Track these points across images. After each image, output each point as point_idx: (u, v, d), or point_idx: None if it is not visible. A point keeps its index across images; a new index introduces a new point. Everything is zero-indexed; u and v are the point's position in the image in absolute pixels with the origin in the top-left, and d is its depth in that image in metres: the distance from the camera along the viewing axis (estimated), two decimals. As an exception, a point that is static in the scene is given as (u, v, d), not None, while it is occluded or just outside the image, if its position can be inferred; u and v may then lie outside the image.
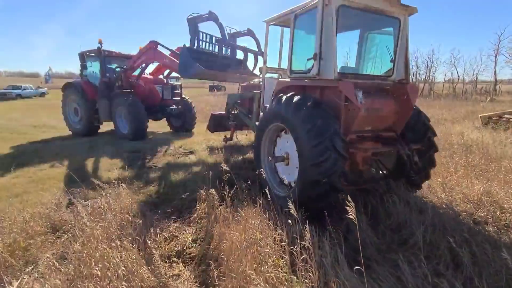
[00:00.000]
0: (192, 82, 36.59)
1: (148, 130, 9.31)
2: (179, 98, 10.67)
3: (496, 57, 38.47)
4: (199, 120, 11.32)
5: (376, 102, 3.73)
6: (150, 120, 9.70)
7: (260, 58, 8.32)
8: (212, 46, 7.90)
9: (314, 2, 3.62)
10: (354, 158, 3.73)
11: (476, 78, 41.47)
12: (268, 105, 4.69)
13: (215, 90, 42.92)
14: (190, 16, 7.08)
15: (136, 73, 9.94)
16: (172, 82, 10.77)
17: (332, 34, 3.47)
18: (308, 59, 3.76)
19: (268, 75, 5.43)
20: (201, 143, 7.82)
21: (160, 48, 8.93)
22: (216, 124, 8.08)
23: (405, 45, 4.04)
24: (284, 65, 5.40)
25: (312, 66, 3.70)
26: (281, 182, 4.07)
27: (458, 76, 42.81)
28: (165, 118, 11.06)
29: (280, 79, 4.39)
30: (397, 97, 3.94)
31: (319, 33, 3.53)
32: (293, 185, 3.73)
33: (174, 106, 10.37)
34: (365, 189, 4.11)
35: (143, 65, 9.57)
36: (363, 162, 3.87)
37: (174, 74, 11.06)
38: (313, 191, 3.22)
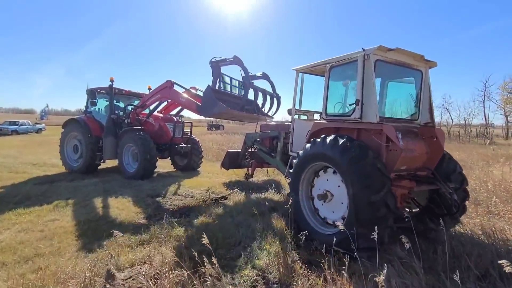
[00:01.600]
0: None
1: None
2: (188, 137, 10.79)
3: (483, 102, 42.71)
4: (205, 158, 11.39)
5: (410, 143, 4.07)
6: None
7: (272, 99, 8.79)
8: (231, 88, 8.31)
9: (354, 56, 4.11)
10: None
11: (470, 123, 42.84)
12: (303, 145, 4.98)
13: (214, 129, 43.43)
14: (214, 60, 7.56)
15: (146, 111, 10.14)
16: (181, 120, 10.96)
17: (372, 83, 3.91)
18: (349, 105, 4.13)
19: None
20: (221, 184, 7.67)
21: (175, 87, 9.28)
22: (231, 161, 8.23)
23: (428, 92, 4.58)
24: (305, 107, 5.88)
25: (354, 110, 4.07)
26: (324, 222, 4.18)
27: (452, 119, 44.75)
28: (169, 157, 11.05)
29: (316, 121, 4.71)
30: (426, 138, 4.32)
31: (360, 82, 3.96)
32: (338, 223, 3.82)
33: (183, 145, 10.44)
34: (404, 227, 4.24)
35: (156, 103, 9.77)
36: (401, 200, 4.09)
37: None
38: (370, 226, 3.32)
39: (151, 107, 10.10)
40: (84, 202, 5.87)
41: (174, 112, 11.47)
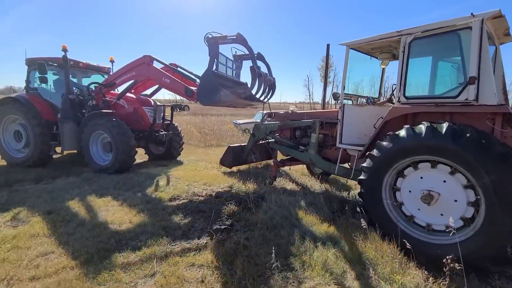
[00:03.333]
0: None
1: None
2: (168, 122, 9.03)
3: None
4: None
5: None
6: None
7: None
8: (227, 70, 6.94)
9: (461, 24, 3.34)
10: None
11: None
12: (367, 137, 4.11)
13: (178, 110, 39.64)
14: (210, 36, 6.08)
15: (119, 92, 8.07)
16: (159, 104, 9.07)
17: (489, 57, 3.22)
18: (462, 84, 3.37)
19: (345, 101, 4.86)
20: (233, 178, 6.33)
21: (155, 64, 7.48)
22: (235, 157, 7.00)
23: (501, 70, 4.09)
24: (349, 90, 5.05)
25: (461, 91, 3.34)
26: (428, 230, 3.41)
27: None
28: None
29: (395, 106, 3.87)
30: None
31: (476, 55, 3.22)
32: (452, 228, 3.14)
33: (164, 132, 8.69)
34: None
35: (130, 82, 7.80)
36: None
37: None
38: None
39: (123, 87, 8.13)
40: (78, 216, 4.05)
41: (145, 92, 9.57)
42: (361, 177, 3.85)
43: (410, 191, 3.52)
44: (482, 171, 2.86)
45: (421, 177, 3.44)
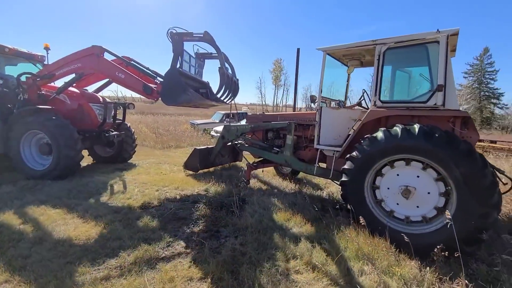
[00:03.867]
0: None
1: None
2: (120, 121, 8.10)
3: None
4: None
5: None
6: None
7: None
8: (190, 68, 6.59)
9: (430, 38, 3.77)
10: None
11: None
12: (340, 138, 4.33)
13: (121, 108, 34.98)
14: (174, 31, 5.72)
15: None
16: (109, 101, 8.01)
17: (451, 68, 3.71)
18: (431, 91, 3.78)
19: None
20: (198, 183, 5.94)
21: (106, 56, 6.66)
22: (202, 160, 6.67)
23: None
24: (326, 94, 5.27)
25: (430, 97, 3.77)
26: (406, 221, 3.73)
27: (351, 103, 54.04)
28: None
29: (372, 109, 4.15)
30: None
31: (443, 66, 3.67)
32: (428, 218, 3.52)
33: (115, 132, 7.76)
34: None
35: (74, 75, 6.76)
36: None
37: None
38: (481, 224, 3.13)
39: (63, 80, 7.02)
40: (29, 234, 3.28)
41: (89, 87, 8.44)
42: (344, 178, 4.04)
43: (388, 188, 3.82)
44: (453, 165, 3.26)
45: (397, 174, 3.77)
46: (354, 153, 3.97)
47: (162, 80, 6.82)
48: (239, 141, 6.51)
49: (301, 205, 4.51)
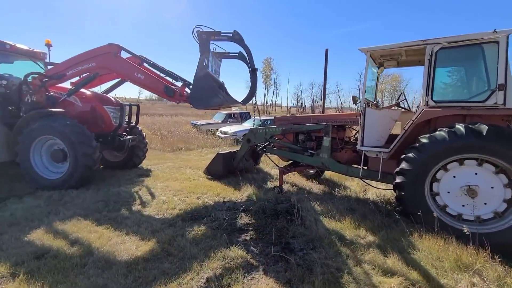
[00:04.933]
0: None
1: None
2: (133, 125, 7.61)
3: (358, 90, 55.55)
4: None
5: None
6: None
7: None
8: (212, 68, 6.30)
9: (488, 38, 3.78)
10: None
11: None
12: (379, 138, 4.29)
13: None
14: (200, 30, 5.42)
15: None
16: (124, 102, 7.45)
17: (509, 67, 3.75)
18: (489, 90, 3.80)
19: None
20: (234, 189, 5.61)
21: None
22: (226, 165, 6.43)
23: None
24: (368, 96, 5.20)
25: (489, 96, 3.79)
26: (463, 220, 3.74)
27: (342, 102, 55.25)
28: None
29: (426, 109, 4.12)
30: None
31: (503, 65, 3.69)
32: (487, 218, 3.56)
33: (129, 136, 7.27)
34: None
35: (87, 76, 6.25)
36: None
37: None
38: None
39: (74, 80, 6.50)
40: (89, 255, 2.91)
41: (95, 88, 7.86)
42: (399, 180, 3.98)
43: (449, 192, 3.81)
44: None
45: (454, 176, 3.77)
46: (410, 154, 3.93)
47: (182, 81, 6.50)
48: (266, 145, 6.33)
49: (359, 210, 4.41)
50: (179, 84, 6.46)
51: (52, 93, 6.22)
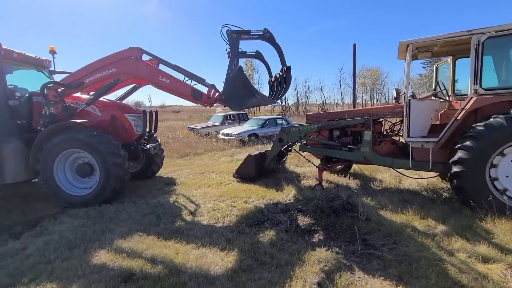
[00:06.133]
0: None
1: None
2: (153, 132, 7.26)
3: (340, 86, 58.81)
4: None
5: None
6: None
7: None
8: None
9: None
10: None
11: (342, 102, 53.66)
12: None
13: None
14: (228, 29, 5.28)
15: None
16: (147, 110, 7.06)
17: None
18: None
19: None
20: (274, 190, 5.48)
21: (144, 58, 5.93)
22: (257, 167, 6.31)
23: None
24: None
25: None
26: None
27: (325, 98, 54.25)
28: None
29: (477, 97, 4.21)
30: None
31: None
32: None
33: (150, 144, 6.95)
34: None
35: (107, 83, 5.88)
36: None
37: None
38: None
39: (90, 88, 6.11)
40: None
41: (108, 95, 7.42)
42: (457, 169, 4.06)
43: (507, 176, 3.93)
44: None
45: (511, 161, 3.91)
46: (468, 143, 4.01)
47: (212, 84, 6.25)
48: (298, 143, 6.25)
49: (414, 201, 4.44)
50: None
51: (69, 103, 5.82)
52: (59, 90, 5.65)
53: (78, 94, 6.28)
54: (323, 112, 6.46)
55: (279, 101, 6.95)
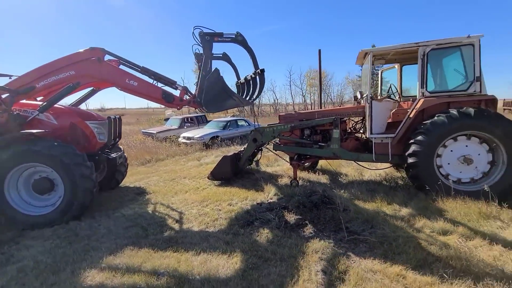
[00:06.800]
0: None
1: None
2: (117, 140, 6.75)
3: (290, 86, 66.62)
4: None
5: None
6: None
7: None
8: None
9: (467, 41, 4.82)
10: None
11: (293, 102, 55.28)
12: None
13: None
14: (200, 30, 5.35)
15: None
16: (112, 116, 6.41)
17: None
18: (469, 81, 4.84)
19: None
20: (259, 191, 5.64)
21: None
22: (233, 167, 6.44)
23: None
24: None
25: (469, 86, 4.85)
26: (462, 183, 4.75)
27: (277, 99, 55.42)
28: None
29: (424, 99, 4.97)
30: None
31: (478, 62, 4.77)
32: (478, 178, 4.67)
33: (116, 153, 6.46)
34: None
35: (64, 87, 5.33)
36: None
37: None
38: None
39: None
40: None
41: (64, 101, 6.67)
42: (412, 160, 4.79)
43: (449, 163, 4.79)
44: (501, 131, 4.46)
45: (451, 150, 4.78)
46: (419, 137, 4.76)
47: (184, 86, 6.08)
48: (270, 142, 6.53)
49: (378, 190, 5.08)
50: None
51: (17, 111, 5.13)
52: (4, 96, 4.98)
53: (25, 101, 5.58)
54: (295, 113, 6.85)
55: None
